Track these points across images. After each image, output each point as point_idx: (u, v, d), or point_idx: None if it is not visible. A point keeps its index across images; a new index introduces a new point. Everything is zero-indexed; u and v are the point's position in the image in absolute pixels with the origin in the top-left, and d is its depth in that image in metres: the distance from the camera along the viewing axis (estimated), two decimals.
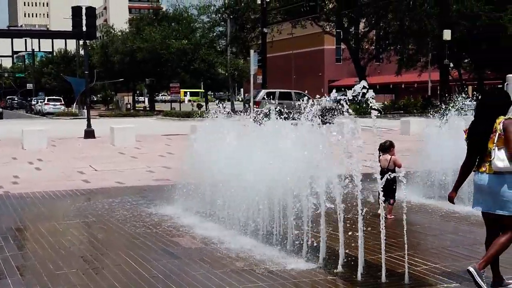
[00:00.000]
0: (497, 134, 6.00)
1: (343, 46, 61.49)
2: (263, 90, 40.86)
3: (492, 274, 6.38)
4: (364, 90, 6.53)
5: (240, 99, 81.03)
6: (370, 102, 6.45)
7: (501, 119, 6.05)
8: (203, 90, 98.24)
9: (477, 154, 6.20)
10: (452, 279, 6.65)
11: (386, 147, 9.86)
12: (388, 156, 9.76)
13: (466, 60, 61.44)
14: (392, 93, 79.19)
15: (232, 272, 6.97)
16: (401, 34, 50.83)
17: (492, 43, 49.85)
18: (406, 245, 6.62)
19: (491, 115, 6.11)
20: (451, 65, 42.09)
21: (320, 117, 7.14)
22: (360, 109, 41.17)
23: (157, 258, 7.64)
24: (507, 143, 5.94)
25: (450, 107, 12.49)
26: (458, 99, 13.10)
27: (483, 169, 6.13)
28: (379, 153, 9.74)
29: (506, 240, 6.15)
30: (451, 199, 6.55)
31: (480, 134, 6.13)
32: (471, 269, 6.05)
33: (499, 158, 5.96)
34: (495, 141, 6.01)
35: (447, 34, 30.73)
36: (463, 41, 49.43)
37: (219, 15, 60.20)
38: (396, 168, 9.64)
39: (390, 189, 8.95)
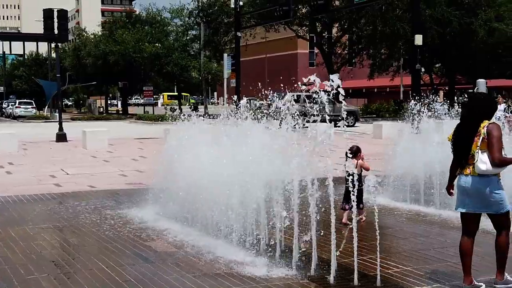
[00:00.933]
0: (481, 137, 6.16)
1: (316, 50, 61.68)
2: (288, 94, 41.68)
3: (464, 274, 6.49)
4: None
5: (211, 103, 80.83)
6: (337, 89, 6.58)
7: (485, 123, 6.21)
8: (188, 94, 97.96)
9: (462, 156, 6.35)
10: (423, 282, 6.71)
11: (353, 152, 9.78)
12: (355, 161, 9.70)
13: (437, 65, 62.08)
14: (365, 97, 79.63)
15: (205, 276, 6.96)
16: (373, 38, 51.19)
17: (463, 48, 50.47)
18: (378, 248, 6.67)
19: (476, 119, 6.27)
20: (423, 69, 42.48)
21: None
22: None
23: (129, 262, 7.60)
24: (490, 147, 6.11)
25: (422, 112, 12.62)
26: (430, 103, 13.25)
27: (468, 171, 6.29)
28: (346, 158, 9.71)
29: (505, 238, 6.38)
30: (449, 192, 6.75)
31: (465, 137, 6.30)
32: (499, 286, 6.42)
33: (482, 161, 6.13)
34: (479, 144, 6.17)
35: (418, 39, 30.97)
36: (434, 46, 49.96)
37: (192, 18, 60.06)
38: (364, 172, 9.73)
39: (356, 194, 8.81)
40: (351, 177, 6.77)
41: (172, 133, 11.25)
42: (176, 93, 73.80)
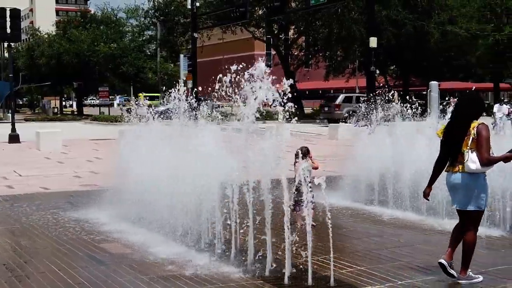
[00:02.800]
0: (471, 137, 6.47)
1: (273, 52, 61.92)
2: (342, 94, 43.65)
3: (447, 255, 6.76)
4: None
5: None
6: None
7: (475, 123, 6.52)
8: (159, 94, 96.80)
9: (451, 154, 6.65)
10: (376, 281, 6.79)
11: (303, 154, 9.79)
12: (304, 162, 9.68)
13: (392, 67, 62.98)
14: (321, 98, 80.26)
15: (159, 278, 6.93)
16: (329, 40, 51.62)
17: (417, 50, 51.30)
18: (331, 249, 6.72)
19: (466, 119, 6.57)
20: (377, 71, 43.05)
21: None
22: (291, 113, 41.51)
23: (83, 265, 7.51)
24: (479, 148, 6.43)
25: (376, 113, 12.78)
26: (385, 104, 13.43)
27: (457, 169, 6.59)
28: (296, 160, 9.74)
29: (473, 236, 6.67)
30: (425, 195, 6.99)
31: (455, 136, 6.59)
32: (462, 282, 6.63)
33: (471, 160, 6.45)
34: (469, 144, 6.49)
35: (373, 42, 31.37)
36: (389, 48, 50.66)
37: (148, 18, 59.67)
38: (313, 171, 9.78)
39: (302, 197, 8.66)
40: (300, 179, 6.82)
41: (127, 134, 11.17)
42: (156, 94, 73.10)
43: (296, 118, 6.85)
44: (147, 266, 7.39)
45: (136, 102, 10.79)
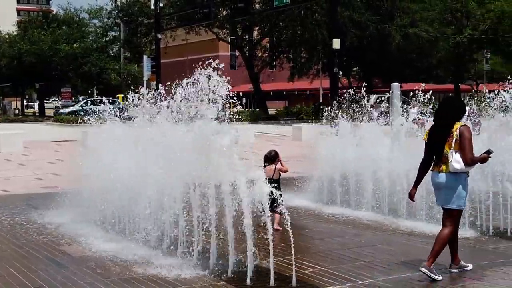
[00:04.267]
0: (454, 139, 6.74)
1: (237, 53, 61.91)
2: (375, 95, 44.56)
3: (451, 257, 7.09)
4: None
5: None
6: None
7: (457, 125, 6.79)
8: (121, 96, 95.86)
9: (435, 155, 6.91)
10: (337, 281, 6.83)
11: (272, 157, 9.80)
12: (273, 166, 9.73)
13: (355, 69, 63.50)
14: (286, 99, 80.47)
15: (120, 280, 6.87)
16: (293, 42, 51.82)
17: (380, 52, 51.81)
18: (293, 249, 6.74)
19: (448, 121, 6.84)
20: (341, 73, 43.44)
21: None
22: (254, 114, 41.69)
23: (42, 268, 7.42)
24: (463, 148, 6.70)
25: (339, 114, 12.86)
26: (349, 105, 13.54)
27: (441, 169, 6.85)
28: (265, 163, 9.76)
29: (448, 233, 6.91)
30: (411, 196, 7.24)
31: (439, 138, 6.85)
32: (423, 270, 6.77)
33: (456, 160, 6.72)
34: (452, 145, 6.75)
35: (336, 43, 31.61)
36: (352, 50, 51.06)
37: (112, 19, 59.19)
38: (282, 174, 9.83)
39: (274, 199, 8.36)
40: (267, 182, 6.84)
41: (90, 135, 11.07)
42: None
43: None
44: (107, 269, 7.33)
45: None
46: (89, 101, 54.06)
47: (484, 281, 6.85)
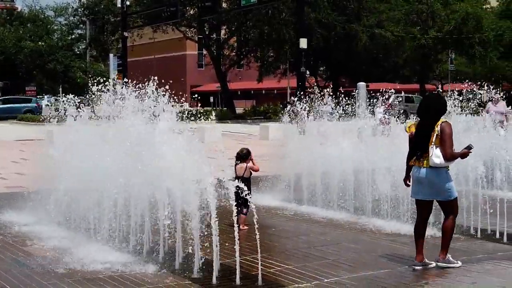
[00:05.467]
0: (435, 134, 7.00)
1: (205, 51, 61.75)
2: (393, 94, 45.27)
3: (416, 252, 7.26)
4: None
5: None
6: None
7: (440, 121, 7.06)
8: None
9: (419, 150, 7.16)
10: (303, 279, 6.87)
11: (243, 156, 9.78)
12: (244, 164, 9.73)
13: (322, 68, 63.79)
14: (253, 99, 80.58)
15: (85, 280, 6.82)
16: (260, 41, 51.88)
17: (346, 52, 52.16)
18: (259, 248, 6.76)
19: (433, 117, 7.11)
20: (308, 72, 43.66)
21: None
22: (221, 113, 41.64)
23: (5, 268, 7.32)
24: (443, 144, 6.97)
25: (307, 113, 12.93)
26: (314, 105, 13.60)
27: (422, 163, 7.13)
28: (236, 161, 9.76)
29: (451, 222, 7.25)
30: (406, 183, 7.57)
31: (424, 134, 7.11)
32: (441, 264, 7.18)
33: (436, 155, 6.99)
34: (433, 141, 7.02)
35: (303, 43, 31.74)
36: (319, 50, 51.29)
37: (77, 17, 58.58)
38: (258, 173, 9.84)
39: (242, 199, 8.08)
40: (237, 180, 6.87)
41: (55, 134, 10.95)
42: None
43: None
44: (73, 269, 7.25)
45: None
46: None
47: (447, 279, 6.95)
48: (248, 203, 9.07)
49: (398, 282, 6.83)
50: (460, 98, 10.70)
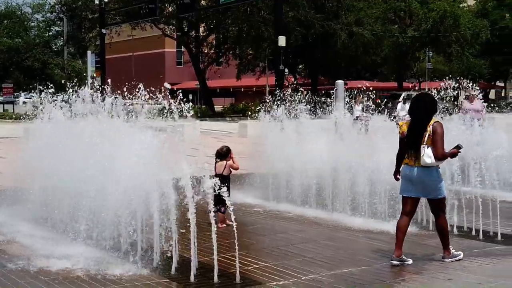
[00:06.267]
0: (427, 134, 7.16)
1: (183, 49, 61.52)
2: (404, 92, 46.05)
3: (396, 247, 7.37)
4: None
5: None
6: None
7: (432, 121, 7.21)
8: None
9: (412, 149, 7.30)
10: (281, 277, 6.89)
11: (223, 154, 9.78)
12: (224, 162, 9.71)
13: (301, 66, 63.94)
14: (232, 96, 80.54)
15: (63, 279, 6.78)
16: (239, 39, 51.83)
17: (325, 50, 52.31)
18: (237, 246, 6.76)
19: (425, 116, 7.28)
20: (287, 70, 43.72)
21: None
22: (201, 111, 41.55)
23: None
24: (434, 144, 7.13)
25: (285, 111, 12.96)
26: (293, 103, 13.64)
27: (414, 163, 7.29)
28: (216, 159, 9.75)
29: (442, 220, 7.46)
30: (396, 178, 7.73)
31: (417, 133, 7.25)
32: (447, 260, 7.39)
33: (427, 155, 7.14)
34: (425, 141, 7.18)
35: (282, 41, 31.75)
36: (298, 48, 51.40)
37: (55, 14, 58.07)
38: (237, 171, 9.84)
39: (220, 197, 7.92)
40: (216, 178, 6.86)
41: (32, 132, 10.87)
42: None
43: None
44: (49, 267, 7.20)
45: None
46: None
47: (424, 275, 7.01)
48: (226, 201, 9.12)
49: (375, 279, 6.88)
50: (437, 97, 10.76)
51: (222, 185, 6.79)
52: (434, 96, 8.12)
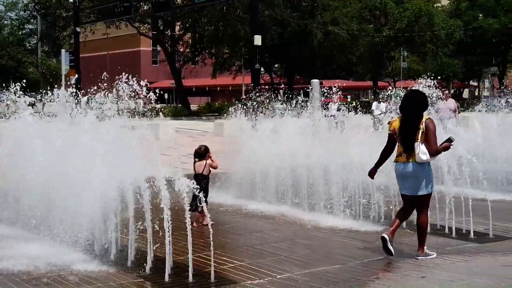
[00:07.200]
0: (421, 131, 7.27)
1: (159, 48, 61.25)
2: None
3: (390, 233, 7.48)
4: None
5: None
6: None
7: (424, 118, 7.33)
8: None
9: (405, 146, 7.40)
10: (256, 276, 6.89)
11: (202, 153, 9.77)
12: (203, 162, 9.70)
13: (277, 65, 64.03)
14: (208, 95, 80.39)
15: (37, 280, 6.71)
16: (215, 38, 51.74)
17: (301, 49, 52.46)
18: (212, 245, 6.75)
19: (417, 112, 7.40)
20: (263, 69, 43.73)
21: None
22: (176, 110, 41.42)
23: None
24: (428, 140, 7.27)
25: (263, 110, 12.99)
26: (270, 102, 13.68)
27: (405, 159, 7.39)
28: (195, 159, 9.74)
29: (425, 217, 7.60)
30: (371, 173, 7.90)
31: (410, 130, 7.36)
32: (421, 258, 7.45)
33: (422, 152, 7.26)
34: (419, 137, 7.28)
35: (257, 40, 31.80)
36: (274, 47, 51.46)
37: (28, 12, 57.47)
38: (213, 170, 9.83)
39: (196, 197, 7.97)
40: (196, 178, 6.87)
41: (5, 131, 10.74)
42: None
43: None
44: (23, 269, 7.12)
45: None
46: None
47: (397, 273, 7.07)
48: (202, 201, 9.09)
49: (349, 277, 6.91)
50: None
51: (199, 185, 6.79)
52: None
